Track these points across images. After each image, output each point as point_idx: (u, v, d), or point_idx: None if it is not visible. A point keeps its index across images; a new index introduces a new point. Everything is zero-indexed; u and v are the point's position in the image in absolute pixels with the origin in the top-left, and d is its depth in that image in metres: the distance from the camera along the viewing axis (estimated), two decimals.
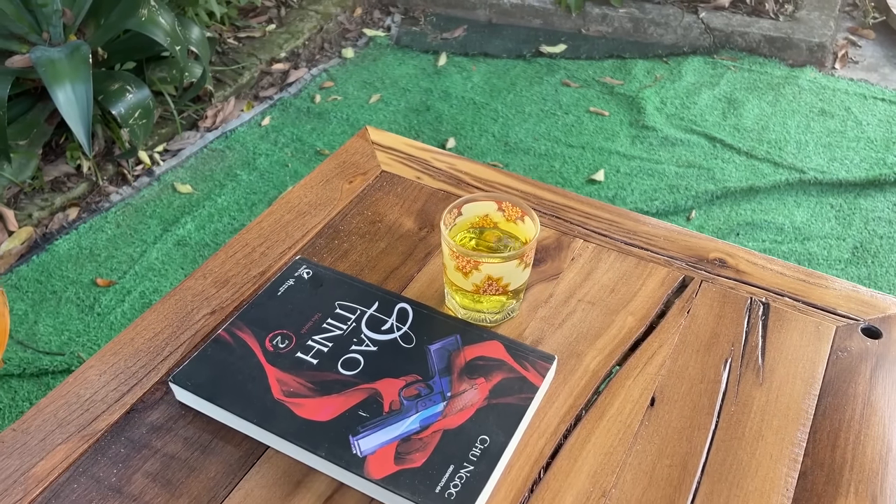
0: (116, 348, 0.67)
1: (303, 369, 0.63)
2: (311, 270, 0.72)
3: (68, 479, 0.58)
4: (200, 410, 0.62)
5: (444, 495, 0.54)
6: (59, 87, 1.44)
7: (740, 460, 0.60)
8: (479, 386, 0.62)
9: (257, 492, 0.57)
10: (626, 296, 0.73)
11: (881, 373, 0.67)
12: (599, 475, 0.59)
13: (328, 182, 0.86)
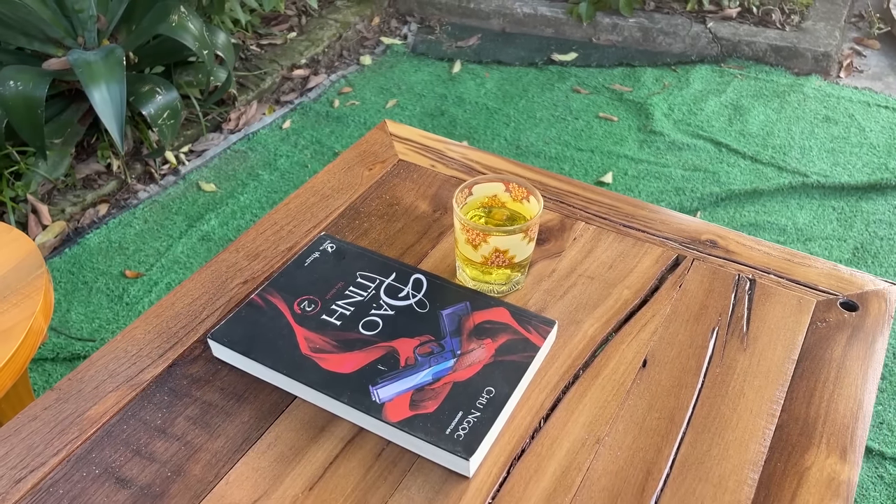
0: (159, 311, 0.75)
1: (327, 329, 0.70)
2: (335, 245, 0.79)
3: (118, 421, 0.65)
4: (235, 365, 0.69)
5: (454, 437, 0.61)
6: (94, 87, 1.52)
7: (723, 414, 0.66)
8: (486, 345, 0.68)
9: (286, 435, 0.64)
10: (623, 272, 0.80)
11: (856, 341, 0.73)
12: (594, 425, 0.65)
13: (350, 169, 0.93)
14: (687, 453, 0.63)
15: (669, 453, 0.63)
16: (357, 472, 0.61)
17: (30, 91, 1.56)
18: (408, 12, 2.68)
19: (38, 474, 0.61)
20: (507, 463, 0.62)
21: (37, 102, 1.57)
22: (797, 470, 0.62)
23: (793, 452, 0.63)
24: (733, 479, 0.61)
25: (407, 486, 0.60)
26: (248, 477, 0.61)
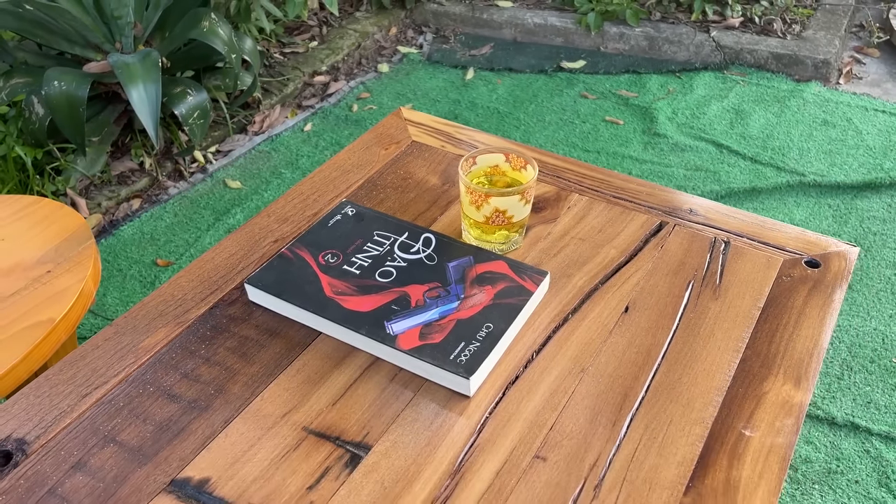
0: (201, 264, 0.85)
1: (348, 277, 0.80)
2: (355, 209, 0.89)
3: (168, 351, 0.75)
4: (267, 306, 0.79)
5: (456, 361, 0.70)
6: (133, 86, 1.65)
7: (693, 350, 0.75)
8: (486, 291, 0.78)
9: (312, 363, 0.74)
10: (612, 235, 0.89)
11: (816, 293, 0.82)
12: (580, 358, 0.74)
13: (368, 149, 1.04)
14: (660, 381, 0.72)
15: (645, 380, 0.72)
16: (373, 393, 0.71)
17: (73, 91, 1.69)
18: (423, 23, 2.80)
19: (102, 391, 0.71)
20: (503, 387, 0.72)
21: (79, 101, 1.70)
22: (756, 394, 0.71)
23: (753, 380, 0.72)
24: (700, 401, 0.70)
25: (416, 403, 0.70)
26: (280, 395, 0.71)
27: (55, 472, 0.64)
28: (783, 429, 0.68)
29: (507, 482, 0.63)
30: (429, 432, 0.67)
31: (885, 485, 1.34)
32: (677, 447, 0.66)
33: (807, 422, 1.45)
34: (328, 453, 0.66)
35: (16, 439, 0.67)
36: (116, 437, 0.67)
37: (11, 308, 0.99)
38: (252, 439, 0.67)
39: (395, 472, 0.64)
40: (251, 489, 0.63)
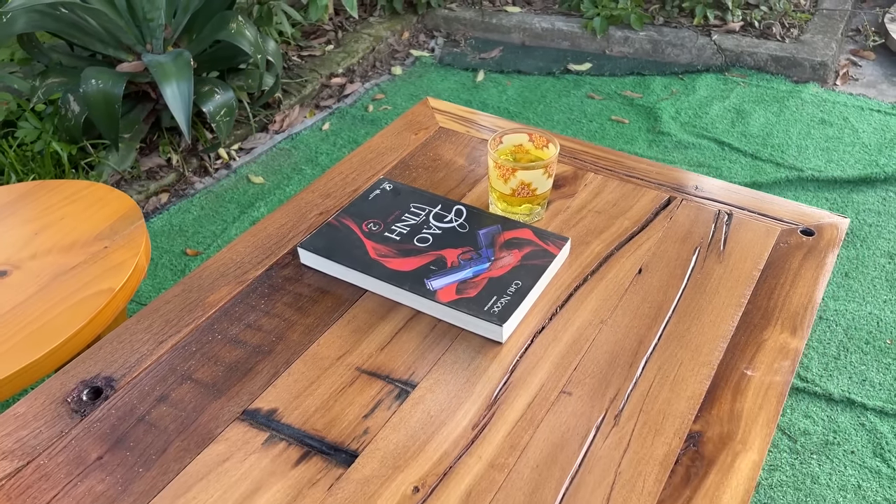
0: (255, 233, 0.94)
1: (389, 242, 0.89)
2: (392, 185, 0.98)
3: (231, 305, 0.84)
4: (318, 268, 0.88)
5: (490, 312, 0.79)
6: (167, 84, 1.74)
7: (700, 305, 0.84)
8: (514, 254, 0.87)
9: (360, 315, 0.83)
10: (625, 208, 0.98)
11: (810, 256, 0.91)
12: (599, 311, 0.83)
13: (399, 134, 1.13)
14: (671, 331, 0.81)
15: (657, 331, 0.81)
16: (416, 340, 0.80)
17: (109, 89, 1.79)
18: (435, 27, 2.90)
19: (175, 338, 0.80)
20: (531, 335, 0.81)
21: (115, 99, 1.79)
22: (757, 341, 0.80)
23: (754, 330, 0.81)
24: (707, 347, 0.79)
25: (454, 349, 0.79)
26: (334, 342, 0.80)
27: (141, 403, 0.73)
28: (780, 369, 0.76)
29: (537, 412, 0.72)
30: (467, 372, 0.76)
31: (879, 455, 1.42)
32: (687, 384, 0.75)
33: (805, 398, 1.53)
34: (379, 389, 0.74)
35: (104, 377, 0.76)
36: (192, 375, 0.76)
37: (74, 279, 1.08)
38: (312, 377, 0.76)
39: (439, 404, 0.73)
40: (314, 417, 0.72)
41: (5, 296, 1.05)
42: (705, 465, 0.68)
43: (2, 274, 1.09)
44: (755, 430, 0.70)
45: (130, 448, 0.69)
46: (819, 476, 1.39)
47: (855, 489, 1.37)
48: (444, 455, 0.68)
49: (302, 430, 0.70)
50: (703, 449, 0.69)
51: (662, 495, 0.65)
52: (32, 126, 1.95)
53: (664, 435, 0.70)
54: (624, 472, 0.67)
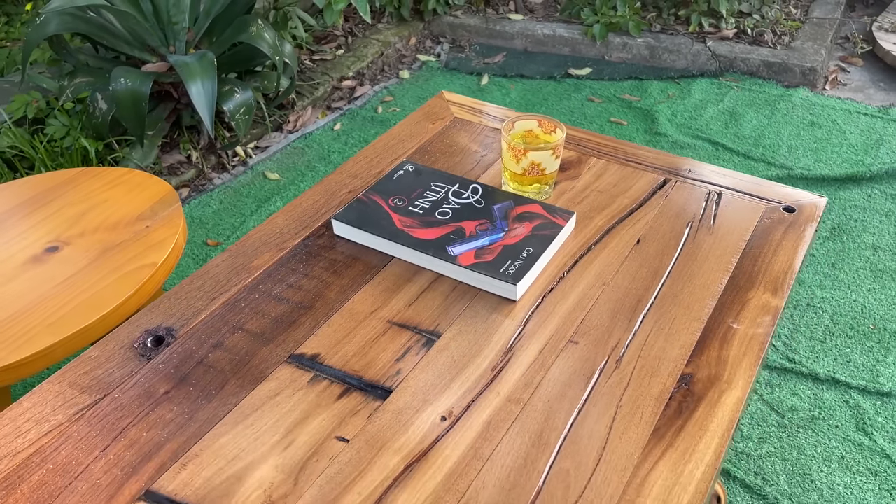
0: (290, 209, 1.04)
1: (413, 215, 0.99)
2: (414, 167, 1.09)
3: (274, 268, 0.94)
4: (350, 238, 0.99)
5: (505, 273, 0.89)
6: (192, 82, 1.85)
7: (692, 270, 0.94)
8: (525, 226, 0.97)
9: (389, 278, 0.93)
10: (624, 188, 1.09)
11: (791, 230, 1.01)
12: (602, 275, 0.93)
13: (418, 123, 1.24)
14: (666, 291, 0.91)
15: (654, 291, 0.91)
16: (439, 299, 0.90)
17: (137, 87, 1.89)
18: (441, 34, 3.01)
19: (226, 296, 0.90)
20: (541, 295, 0.91)
21: (142, 96, 1.90)
22: (742, 300, 0.90)
23: (740, 291, 0.91)
24: (697, 305, 0.89)
25: (474, 306, 0.89)
26: (366, 299, 0.89)
27: (199, 349, 0.83)
28: (762, 323, 0.86)
29: (548, 358, 0.82)
30: (485, 325, 0.86)
31: (861, 429, 1.52)
32: (680, 335, 0.85)
33: (793, 377, 1.63)
34: (409, 338, 0.84)
35: (165, 328, 0.86)
36: (243, 326, 0.86)
37: (120, 254, 1.18)
38: (349, 328, 0.86)
39: (461, 350, 0.83)
40: (352, 360, 0.82)
41: (59, 268, 1.15)
42: (695, 401, 0.78)
43: (54, 249, 1.19)
44: (739, 373, 0.80)
45: (193, 385, 0.79)
46: (805, 448, 1.49)
47: (838, 460, 1.46)
48: (468, 391, 0.78)
49: (342, 371, 0.80)
50: (694, 388, 0.79)
51: (658, 424, 0.75)
52: (61, 123, 2.05)
53: (660, 376, 0.80)
54: (624, 406, 0.77)
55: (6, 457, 0.72)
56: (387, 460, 0.72)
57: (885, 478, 1.43)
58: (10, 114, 2.07)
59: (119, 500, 0.68)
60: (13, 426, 0.75)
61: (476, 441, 0.73)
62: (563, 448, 0.73)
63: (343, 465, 0.71)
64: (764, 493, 1.40)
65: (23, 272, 1.14)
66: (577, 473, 0.70)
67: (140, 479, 0.70)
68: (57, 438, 0.73)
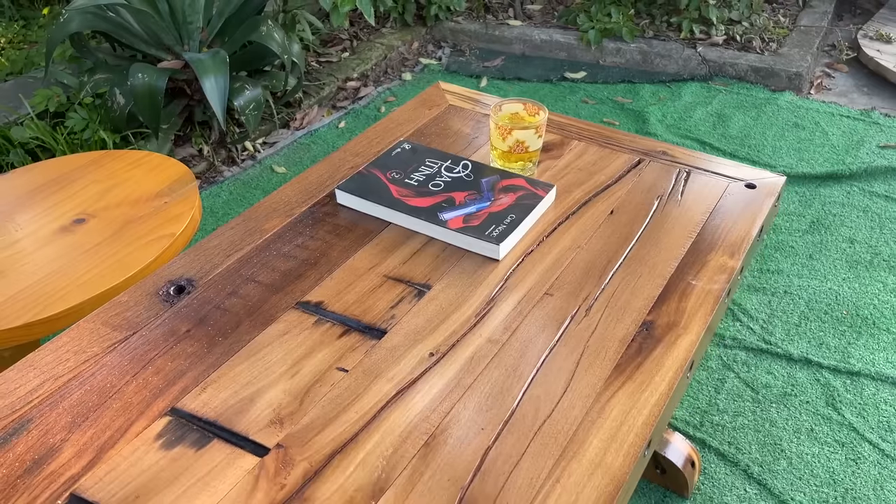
0: (299, 181, 1.15)
1: (409, 186, 1.10)
2: (410, 145, 1.19)
3: (282, 231, 1.05)
4: (352, 206, 1.09)
5: (490, 235, 1.00)
6: (206, 77, 1.96)
7: (658, 236, 1.04)
8: (510, 196, 1.08)
9: (386, 240, 1.03)
10: (602, 166, 1.19)
11: (751, 203, 1.11)
12: (577, 239, 1.04)
13: (415, 109, 1.35)
14: (634, 254, 1.01)
15: (623, 253, 1.01)
16: (430, 258, 1.00)
17: (154, 82, 2.01)
18: (442, 38, 3.14)
19: (240, 254, 1.01)
20: (522, 255, 1.01)
21: (158, 91, 2.01)
22: (702, 261, 1.00)
23: (700, 253, 1.01)
24: (662, 265, 0.99)
25: (461, 264, 0.99)
26: (365, 258, 1.00)
27: (216, 296, 0.94)
28: (719, 280, 0.97)
29: (525, 307, 0.93)
30: (471, 280, 0.97)
31: (831, 404, 1.62)
32: (644, 290, 0.95)
33: (768, 357, 1.73)
34: (402, 289, 0.95)
35: (186, 278, 0.96)
36: (255, 278, 0.97)
37: (142, 226, 1.29)
38: (349, 281, 0.96)
39: (449, 300, 0.93)
40: (352, 307, 0.92)
41: (87, 237, 1.26)
42: (654, 342, 0.88)
43: (81, 221, 1.30)
44: (694, 321, 0.91)
45: (211, 325, 0.90)
46: (777, 421, 1.58)
47: (808, 432, 1.56)
48: (453, 333, 0.89)
49: (343, 315, 0.91)
50: (654, 332, 0.89)
51: (620, 361, 0.85)
52: (81, 116, 2.16)
53: (624, 322, 0.90)
54: (591, 346, 0.87)
55: (49, 380, 0.82)
56: (380, 387, 0.82)
57: (851, 448, 1.53)
58: (33, 107, 2.19)
59: (148, 415, 0.78)
60: (55, 356, 0.85)
61: (459, 373, 0.84)
62: (535, 379, 0.83)
63: (342, 391, 0.81)
64: (737, 461, 1.50)
65: (54, 240, 1.25)
66: (547, 399, 0.81)
67: (165, 399, 0.80)
68: (93, 366, 0.84)
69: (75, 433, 0.77)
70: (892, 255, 2.01)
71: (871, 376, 1.67)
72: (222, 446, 0.75)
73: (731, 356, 1.73)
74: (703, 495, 1.45)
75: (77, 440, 0.76)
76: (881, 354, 1.73)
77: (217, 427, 0.77)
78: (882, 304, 1.86)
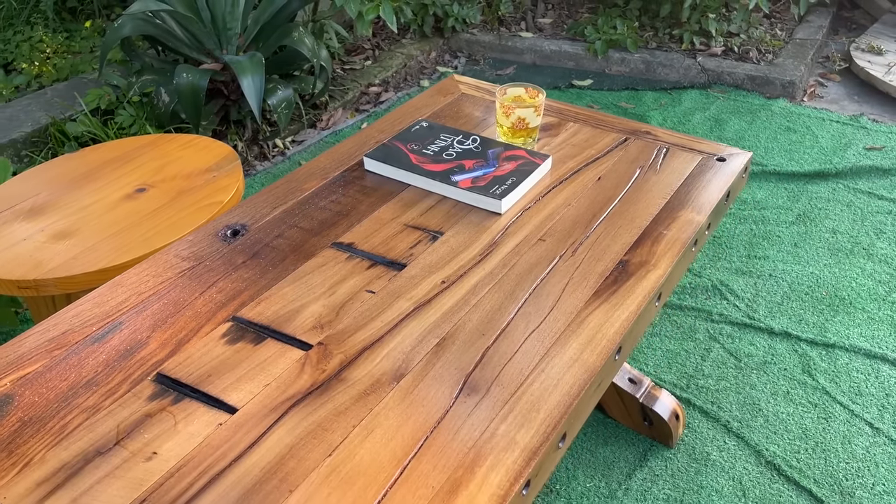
0: (331, 152, 1.35)
1: (426, 155, 1.29)
2: (427, 123, 1.39)
3: (318, 190, 1.24)
4: (377, 172, 1.29)
5: (494, 192, 1.19)
6: (244, 77, 2.18)
7: (638, 197, 1.23)
8: (512, 164, 1.27)
9: (406, 197, 1.22)
10: (593, 143, 1.38)
11: (720, 174, 1.29)
12: (568, 199, 1.22)
13: (431, 97, 1.54)
14: (616, 210, 1.20)
15: (607, 209, 1.20)
16: (443, 212, 1.19)
17: (196, 81, 2.23)
18: (458, 49, 3.35)
19: (283, 206, 1.20)
20: (521, 211, 1.20)
21: (200, 89, 2.23)
22: (673, 216, 1.18)
23: (672, 211, 1.20)
24: (639, 219, 1.18)
25: (469, 217, 1.18)
26: (389, 211, 1.19)
27: (265, 237, 1.13)
28: (686, 231, 1.15)
29: (522, 249, 1.11)
30: (477, 229, 1.15)
31: (807, 371, 1.78)
32: (623, 237, 1.14)
33: (751, 331, 1.89)
34: (419, 235, 1.14)
35: (239, 224, 1.16)
36: (297, 224, 1.16)
37: (194, 195, 1.49)
38: (375, 228, 1.15)
39: (459, 243, 1.12)
40: (378, 247, 1.11)
41: (148, 203, 1.46)
42: (628, 276, 1.06)
43: (142, 190, 1.50)
44: (663, 261, 1.09)
45: (262, 258, 1.09)
46: (756, 384, 1.75)
47: (784, 394, 1.72)
48: (461, 267, 1.07)
49: (371, 253, 1.10)
50: (628, 268, 1.07)
51: (598, 288, 1.03)
52: (129, 113, 2.39)
53: (603, 261, 1.09)
54: (575, 277, 1.05)
55: (133, 295, 1.02)
56: (401, 304, 1.01)
57: (823, 408, 1.69)
58: (87, 105, 2.41)
59: (214, 321, 0.98)
60: (138, 278, 1.05)
61: (465, 295, 1.02)
62: (528, 301, 1.01)
63: (371, 306, 1.00)
64: (718, 417, 1.67)
65: (120, 205, 1.46)
66: (536, 314, 0.99)
67: (227, 310, 0.99)
68: (168, 286, 1.04)
69: (157, 332, 0.96)
70: (872, 244, 2.18)
71: (845, 348, 1.83)
72: (274, 343, 0.94)
73: (717, 329, 1.90)
74: (687, 446, 1.61)
75: (159, 337, 0.95)
76: (856, 330, 1.89)
77: (270, 330, 0.96)
78: (859, 287, 2.02)
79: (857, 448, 1.60)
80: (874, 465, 1.56)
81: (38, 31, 3.53)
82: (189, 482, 0.77)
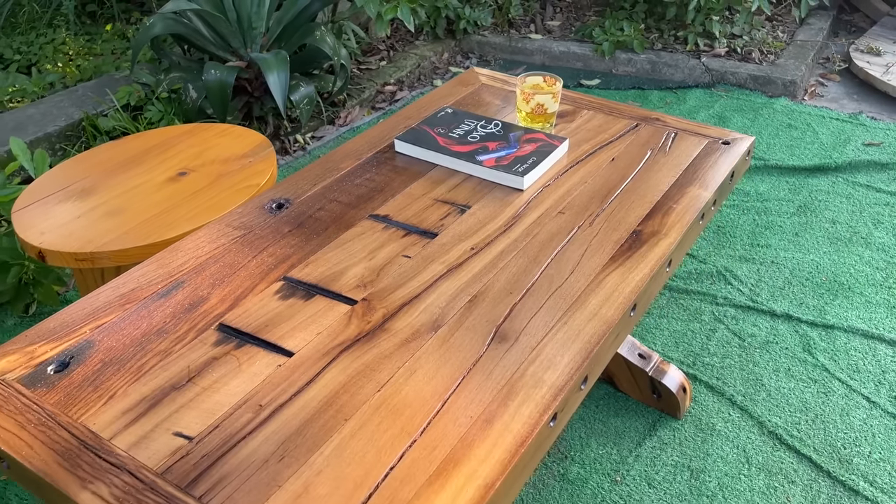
0: (364, 136, 1.45)
1: (451, 137, 1.39)
2: (452, 110, 1.49)
3: (354, 169, 1.34)
4: (407, 153, 1.39)
5: (516, 170, 1.29)
6: (269, 73, 2.28)
7: (649, 176, 1.33)
8: (532, 145, 1.37)
9: (435, 176, 1.33)
10: (607, 128, 1.48)
11: (725, 155, 1.39)
12: (584, 177, 1.33)
13: (454, 87, 1.65)
14: (629, 187, 1.30)
15: (621, 186, 1.30)
16: (469, 189, 1.29)
17: (224, 77, 2.34)
18: (469, 50, 3.46)
19: (323, 183, 1.31)
20: (541, 187, 1.30)
21: (227, 85, 2.34)
22: (682, 192, 1.28)
23: (682, 187, 1.30)
24: (651, 194, 1.28)
25: (494, 193, 1.28)
26: (419, 187, 1.29)
27: (308, 210, 1.23)
28: (694, 205, 1.25)
29: (543, 220, 1.21)
30: (502, 203, 1.26)
31: (807, 350, 1.87)
32: (636, 210, 1.24)
33: (754, 313, 1.99)
34: (449, 208, 1.24)
35: (283, 198, 1.26)
36: (336, 199, 1.26)
37: (231, 178, 1.60)
38: (408, 202, 1.25)
39: (485, 215, 1.22)
40: (411, 218, 1.21)
41: (189, 185, 1.57)
42: (641, 243, 1.16)
43: (184, 174, 1.61)
44: (673, 231, 1.19)
45: (306, 227, 1.19)
46: (759, 362, 1.84)
47: (786, 371, 1.82)
48: (487, 236, 1.17)
49: (405, 223, 1.20)
50: (641, 236, 1.17)
51: (614, 254, 1.13)
52: (158, 109, 2.50)
53: (619, 230, 1.19)
54: (593, 245, 1.16)
55: (192, 259, 1.12)
56: (435, 267, 1.11)
57: (822, 384, 1.78)
58: (117, 101, 2.52)
59: (267, 280, 1.08)
60: (194, 244, 1.15)
61: (493, 259, 1.12)
62: (550, 264, 1.11)
63: (407, 269, 1.10)
64: (722, 392, 1.76)
65: (164, 187, 1.56)
66: (558, 276, 1.09)
67: (278, 271, 1.10)
68: (222, 250, 1.14)
69: (216, 289, 1.06)
70: (870, 233, 2.27)
71: (843, 329, 1.93)
72: (323, 299, 1.04)
73: (722, 312, 2.00)
74: (694, 417, 1.71)
75: (219, 293, 1.05)
76: (854, 312, 1.98)
77: (318, 288, 1.06)
78: (857, 273, 2.12)
79: (855, 420, 1.69)
80: (871, 434, 1.65)
81: (60, 34, 3.65)
82: (255, 411, 0.87)
